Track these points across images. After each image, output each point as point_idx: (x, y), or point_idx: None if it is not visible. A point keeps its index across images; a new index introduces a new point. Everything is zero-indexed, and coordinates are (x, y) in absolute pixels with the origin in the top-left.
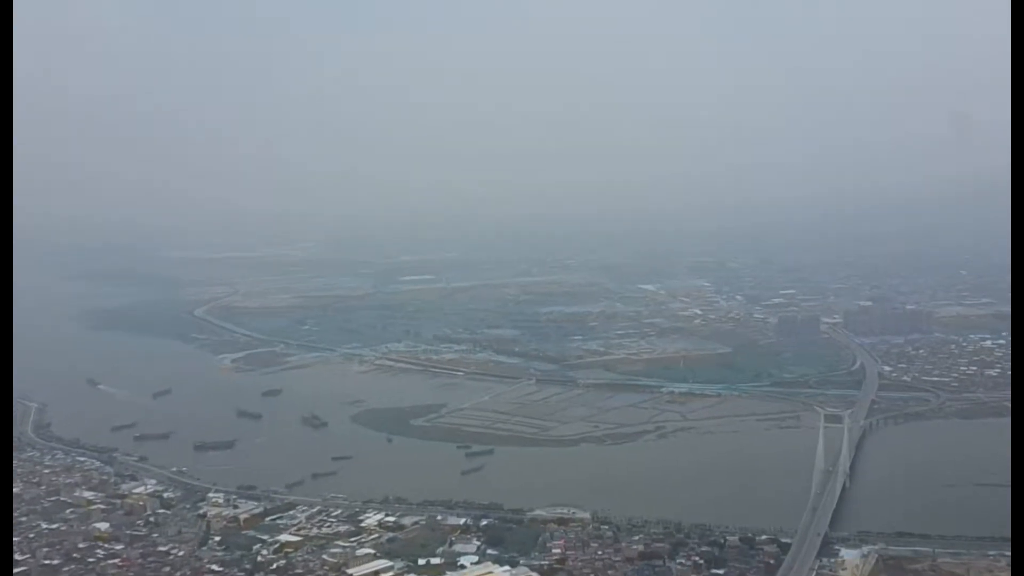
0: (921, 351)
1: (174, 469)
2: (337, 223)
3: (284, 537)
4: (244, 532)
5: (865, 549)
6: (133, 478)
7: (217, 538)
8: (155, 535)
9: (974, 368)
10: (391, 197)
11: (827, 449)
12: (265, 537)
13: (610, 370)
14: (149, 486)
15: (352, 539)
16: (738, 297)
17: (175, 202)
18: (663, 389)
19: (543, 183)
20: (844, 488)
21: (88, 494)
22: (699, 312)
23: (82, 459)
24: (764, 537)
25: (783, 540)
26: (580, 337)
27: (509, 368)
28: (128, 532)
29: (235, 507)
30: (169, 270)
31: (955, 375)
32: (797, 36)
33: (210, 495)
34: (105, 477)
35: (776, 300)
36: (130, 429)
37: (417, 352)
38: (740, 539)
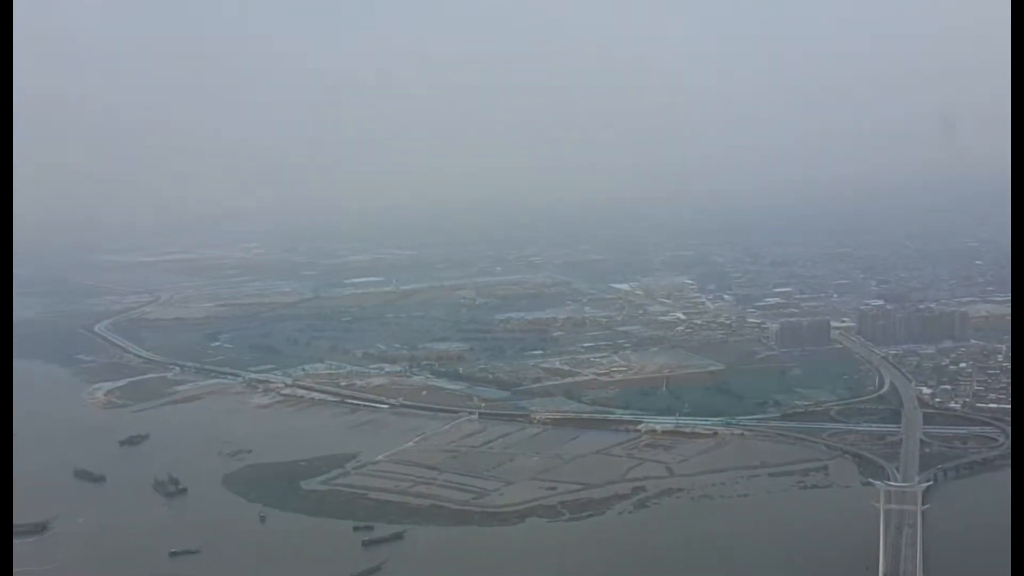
0: (962, 365)
1: None
2: (293, 217)
3: None
4: None
5: None
6: None
7: None
8: None
9: None
10: (354, 188)
11: (882, 527)
12: None
13: (574, 397)
14: None
15: None
16: (726, 297)
17: (140, 202)
18: (641, 425)
19: (513, 166)
20: None
21: None
22: (682, 316)
23: None
24: None
25: None
26: (540, 352)
27: (448, 396)
28: None
29: None
30: (91, 275)
31: None
32: (781, 18)
33: None
34: None
35: (771, 300)
36: None
37: (340, 375)
38: None
